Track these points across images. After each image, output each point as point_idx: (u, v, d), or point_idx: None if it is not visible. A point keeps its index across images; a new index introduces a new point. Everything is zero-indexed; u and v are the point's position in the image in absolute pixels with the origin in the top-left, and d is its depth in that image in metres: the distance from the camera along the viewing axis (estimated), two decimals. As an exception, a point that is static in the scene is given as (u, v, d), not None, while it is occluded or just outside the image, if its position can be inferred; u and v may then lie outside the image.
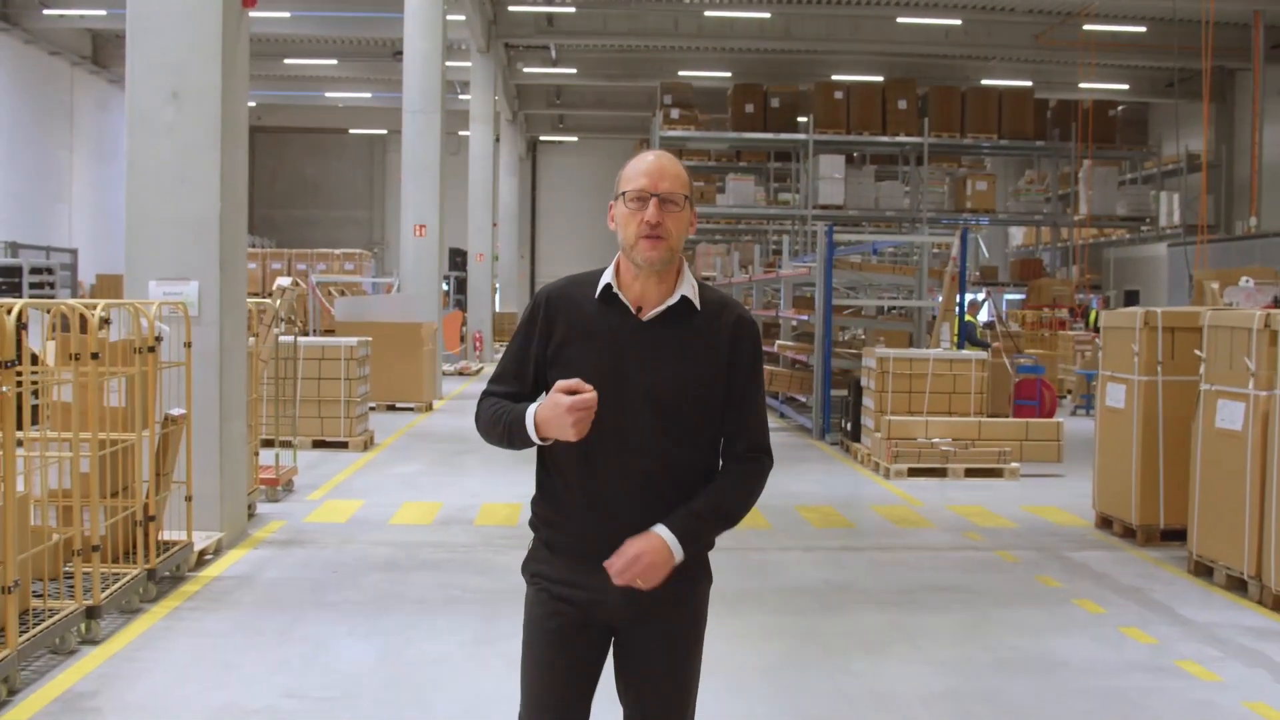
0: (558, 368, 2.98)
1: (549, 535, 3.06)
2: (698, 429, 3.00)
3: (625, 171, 3.00)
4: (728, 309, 3.04)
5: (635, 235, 2.92)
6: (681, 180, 2.97)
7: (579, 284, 3.06)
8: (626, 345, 2.96)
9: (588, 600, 2.98)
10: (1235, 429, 7.49)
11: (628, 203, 2.94)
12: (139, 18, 8.13)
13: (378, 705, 5.30)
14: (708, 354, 2.98)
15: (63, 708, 5.16)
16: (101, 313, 6.18)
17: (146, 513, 6.81)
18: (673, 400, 2.94)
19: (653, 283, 2.97)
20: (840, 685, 5.68)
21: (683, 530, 2.92)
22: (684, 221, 2.97)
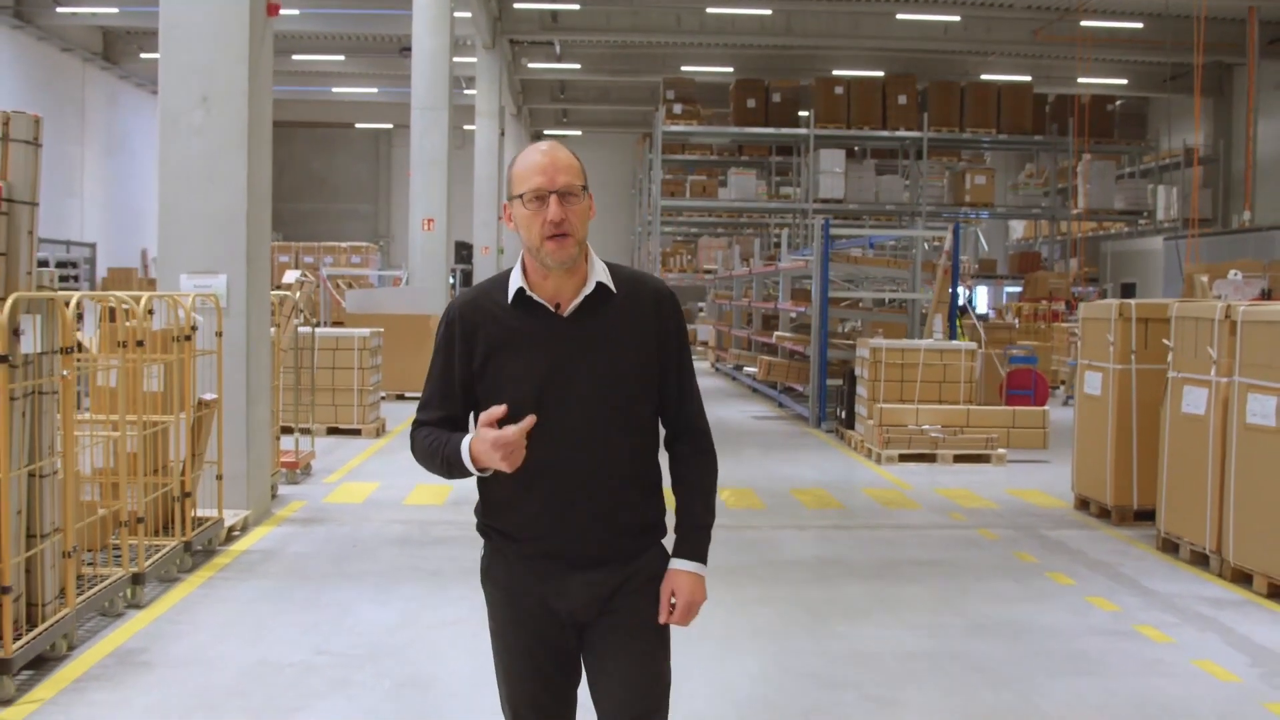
0: (486, 381, 2.95)
1: (502, 542, 3.03)
2: (639, 411, 2.99)
3: (516, 170, 2.90)
4: (643, 284, 3.02)
5: (540, 236, 2.85)
6: (575, 169, 2.90)
7: (487, 293, 3.01)
8: (554, 345, 2.92)
9: (551, 599, 2.97)
10: (1199, 413, 8.00)
11: (526, 204, 2.86)
12: (171, 26, 8.65)
13: (400, 662, 5.81)
14: (636, 334, 2.96)
15: (117, 661, 5.69)
16: (147, 305, 6.69)
17: (183, 489, 7.34)
18: (613, 388, 2.92)
19: (565, 277, 2.92)
20: (825, 646, 6.19)
21: (698, 550, 3.02)
22: (585, 211, 2.91)
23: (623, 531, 2.99)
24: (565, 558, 2.95)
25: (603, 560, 2.96)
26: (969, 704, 5.37)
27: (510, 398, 2.88)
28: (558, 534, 2.93)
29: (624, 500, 2.97)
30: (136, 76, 36.40)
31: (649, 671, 3.03)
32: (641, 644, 3.01)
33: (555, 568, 2.95)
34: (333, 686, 5.43)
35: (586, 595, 2.96)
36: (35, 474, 5.38)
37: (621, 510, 2.97)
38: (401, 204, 47.02)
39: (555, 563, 2.95)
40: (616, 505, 2.96)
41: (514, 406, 2.86)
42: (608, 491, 2.94)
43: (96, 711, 5.05)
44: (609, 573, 2.97)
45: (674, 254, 36.03)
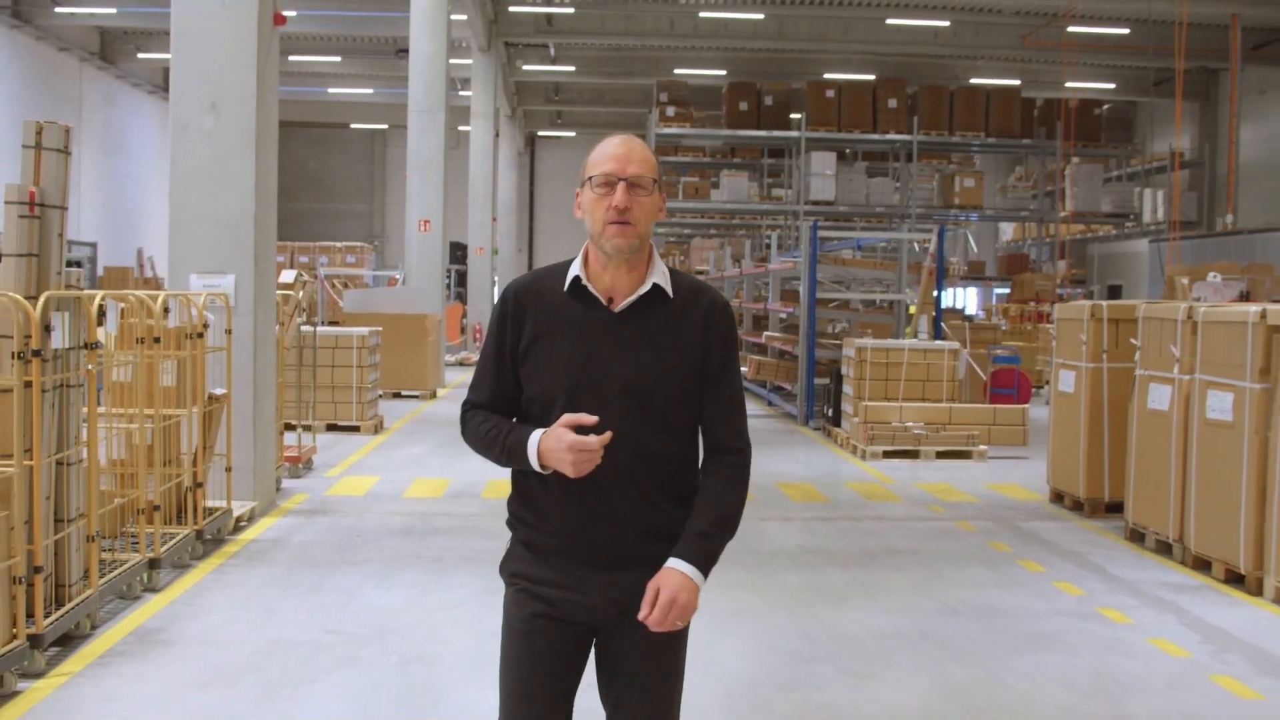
0: (529, 364, 2.94)
1: (527, 534, 2.99)
2: (677, 419, 2.94)
3: (591, 157, 2.91)
4: (701, 295, 2.98)
5: (603, 221, 2.85)
6: (650, 164, 2.89)
7: (546, 277, 2.99)
8: (600, 338, 2.89)
9: (570, 600, 2.93)
10: (1163, 409, 8.39)
11: (594, 188, 2.86)
12: (182, 35, 9.00)
13: (405, 641, 6.17)
14: (683, 342, 2.92)
15: (138, 639, 6.05)
16: (163, 303, 7.05)
17: (195, 480, 7.70)
18: (650, 392, 2.88)
19: (623, 271, 2.90)
20: (804, 627, 6.56)
21: (697, 556, 2.89)
22: (653, 206, 2.89)
23: (648, 537, 2.92)
24: (587, 557, 2.91)
25: (625, 563, 2.91)
26: (938, 678, 5.74)
27: (546, 384, 2.89)
28: (581, 532, 2.90)
29: (652, 505, 2.91)
30: (133, 76, 36.67)
31: (663, 688, 2.98)
32: (658, 658, 2.96)
33: (577, 566, 2.91)
34: (342, 662, 5.80)
35: (605, 598, 2.91)
36: (63, 462, 5.75)
37: (648, 515, 2.91)
38: (396, 204, 47.41)
39: (578, 561, 2.91)
40: (640, 508, 2.90)
41: (547, 394, 2.89)
42: (633, 493, 2.89)
43: (122, 684, 5.41)
44: (630, 577, 2.89)
45: (667, 255, 36.39)
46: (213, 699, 5.25)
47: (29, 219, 5.49)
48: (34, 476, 5.33)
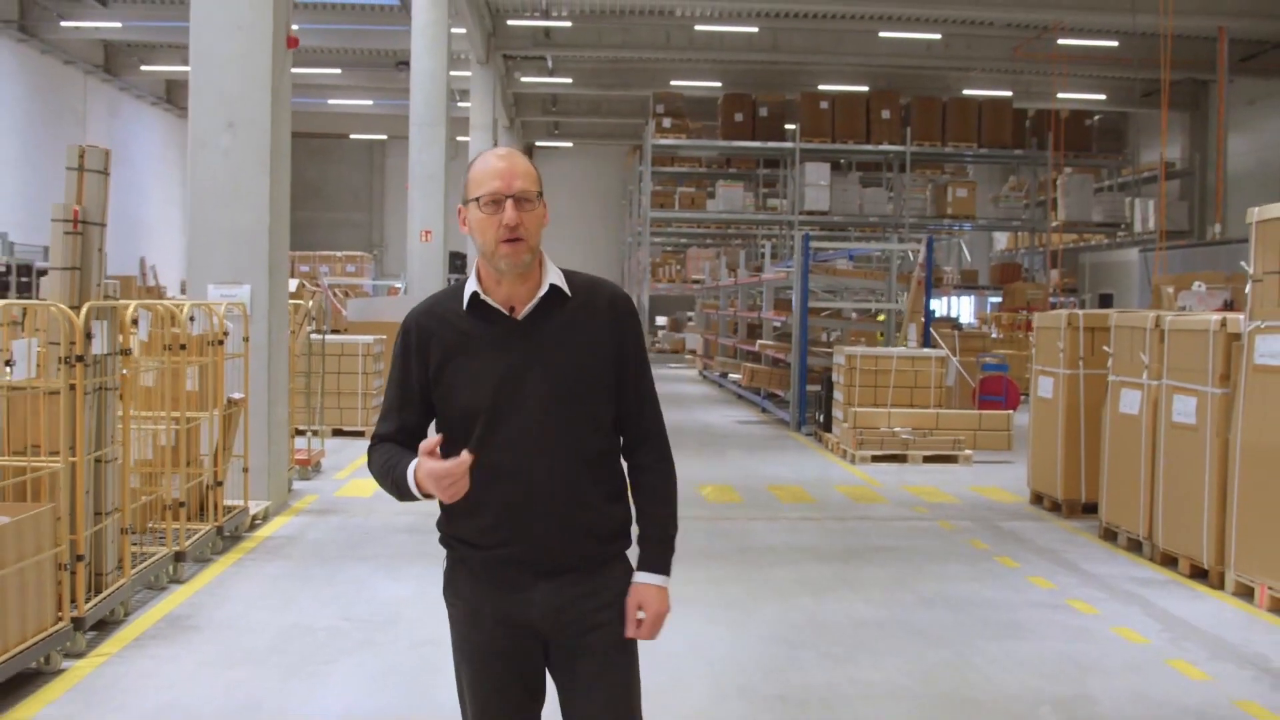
0: (442, 386, 2.94)
1: (465, 552, 2.97)
2: (599, 413, 2.97)
3: (473, 174, 2.91)
4: (599, 289, 3.01)
5: (495, 240, 2.84)
6: (532, 176, 2.90)
7: (442, 301, 3.02)
8: (508, 348, 2.90)
9: (514, 612, 2.92)
10: (1133, 413, 8.84)
11: (482, 208, 2.86)
12: (201, 57, 9.47)
13: (415, 625, 6.61)
14: (593, 337, 2.95)
15: (168, 625, 6.49)
16: (188, 312, 7.50)
17: (216, 479, 8.14)
18: (572, 393, 2.90)
19: (518, 282, 2.91)
20: (789, 616, 7.00)
21: (662, 563, 2.99)
22: (540, 218, 2.91)
23: (585, 537, 2.94)
24: (528, 564, 2.90)
25: (566, 567, 2.92)
26: (912, 661, 6.19)
27: (465, 402, 2.89)
28: (519, 540, 2.88)
29: (584, 504, 2.92)
30: (136, 88, 37.12)
31: (621, 692, 2.98)
32: (612, 663, 2.97)
33: (518, 575, 2.90)
34: (359, 645, 6.24)
35: (550, 604, 2.91)
36: (101, 460, 6.19)
37: (582, 514, 2.92)
38: (394, 213, 47.84)
39: (518, 570, 2.90)
40: (577, 509, 2.91)
41: (468, 411, 2.86)
42: (567, 495, 2.89)
43: (157, 664, 5.84)
44: (573, 581, 2.92)
45: (663, 264, 36.85)
46: (241, 676, 5.69)
47: (73, 235, 5.94)
48: (77, 472, 5.78)
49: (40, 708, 5.18)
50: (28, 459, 5.72)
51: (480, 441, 2.78)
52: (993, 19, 29.70)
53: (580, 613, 2.92)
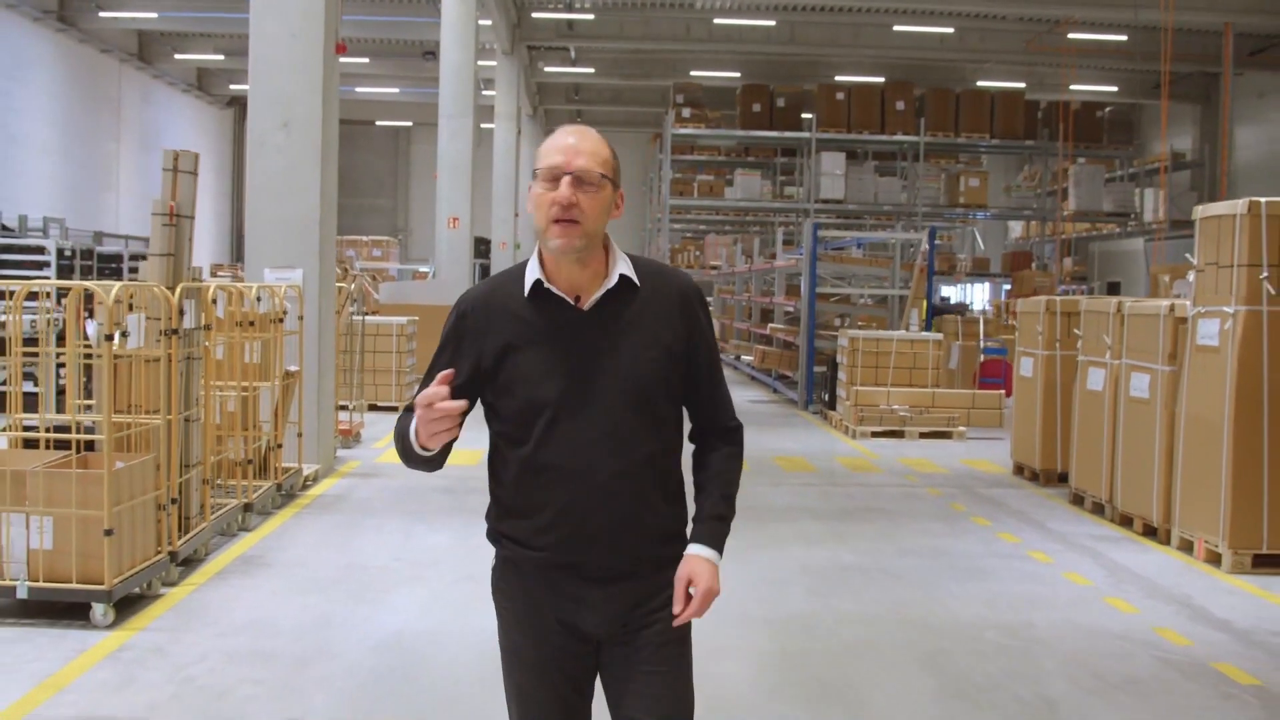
0: (500, 380, 2.75)
1: (516, 552, 2.80)
2: (665, 412, 2.80)
3: (540, 149, 2.73)
4: (668, 279, 2.85)
5: (547, 218, 2.67)
6: (600, 158, 2.69)
7: (501, 285, 2.82)
8: (573, 340, 2.72)
9: (567, 617, 2.79)
10: (1098, 389, 9.79)
11: (540, 182, 2.69)
12: (259, 61, 10.45)
13: (456, 564, 7.63)
14: (661, 332, 2.78)
15: (243, 563, 7.53)
16: (255, 294, 8.52)
17: (276, 442, 9.17)
18: (638, 387, 2.73)
19: (578, 268, 2.74)
20: (780, 562, 7.99)
21: (717, 539, 2.83)
22: (603, 203, 2.70)
23: (646, 541, 2.79)
24: (584, 570, 2.76)
25: (624, 573, 2.78)
26: (884, 596, 7.18)
27: (525, 398, 2.73)
28: (576, 543, 2.74)
29: (648, 507, 2.78)
30: (169, 75, 38.14)
31: (675, 694, 2.84)
32: (667, 665, 2.83)
33: (572, 581, 2.76)
34: (408, 579, 7.27)
35: (607, 612, 2.78)
36: (189, 419, 7.21)
37: (646, 518, 2.77)
38: (419, 199, 48.89)
39: (572, 576, 2.76)
40: (640, 512, 2.76)
41: (530, 407, 2.73)
42: (629, 496, 2.74)
43: (238, 591, 6.88)
44: (631, 587, 2.79)
45: (682, 250, 37.78)
46: (312, 601, 6.72)
47: (169, 227, 6.96)
48: (172, 429, 6.80)
49: (150, 621, 6.22)
50: (132, 416, 6.73)
51: (540, 440, 2.71)
52: (1005, 13, 30.43)
53: (636, 616, 2.79)
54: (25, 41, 29.00)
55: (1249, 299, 7.85)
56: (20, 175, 28.27)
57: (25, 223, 15.56)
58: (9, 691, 5.10)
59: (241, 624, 6.25)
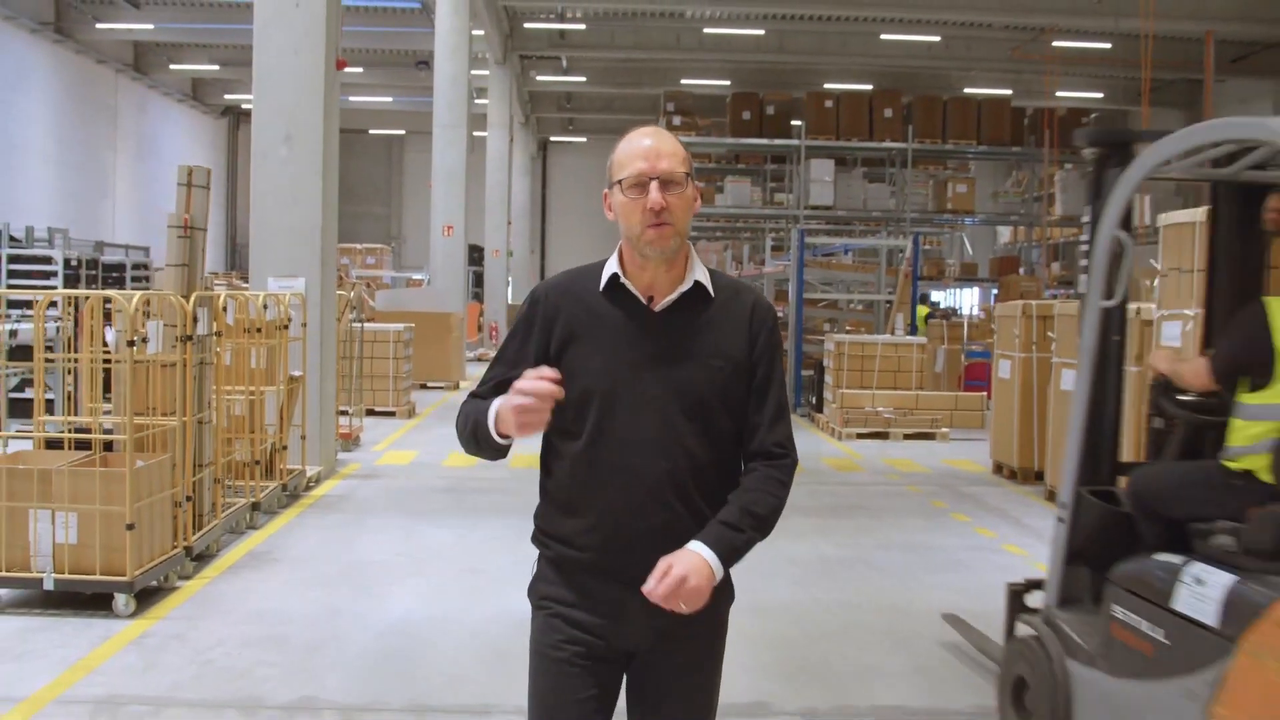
0: (563, 369, 2.67)
1: (558, 552, 2.80)
2: (721, 424, 2.76)
3: (617, 155, 2.74)
4: (743, 294, 2.85)
5: (640, 225, 2.67)
6: (680, 156, 2.71)
7: (580, 277, 2.84)
8: (641, 338, 2.73)
9: (604, 625, 2.76)
10: (1071, 389, 10.16)
11: (626, 191, 2.69)
12: (263, 77, 10.82)
13: (456, 560, 8.00)
14: (728, 343, 2.76)
15: (252, 558, 7.90)
16: (262, 302, 8.89)
17: (281, 444, 9.53)
18: (695, 394, 2.71)
19: (662, 270, 2.74)
20: (766, 555, 8.27)
21: (721, 544, 2.67)
22: (688, 201, 2.73)
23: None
24: (624, 576, 2.69)
25: None
26: (864, 586, 7.57)
27: (583, 389, 2.71)
28: (619, 548, 2.72)
29: (693, 515, 2.72)
30: (164, 86, 38.47)
31: (699, 710, 2.85)
32: (693, 688, 2.83)
33: (612, 588, 2.74)
34: (412, 573, 7.65)
35: (643, 623, 2.73)
36: (201, 421, 7.57)
37: (690, 528, 2.70)
38: (412, 206, 49.22)
39: (612, 582, 2.73)
40: (685, 519, 2.71)
41: (586, 398, 2.71)
42: (675, 503, 2.71)
43: (250, 584, 7.24)
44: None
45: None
46: (320, 593, 7.09)
47: (184, 239, 7.33)
48: (186, 430, 7.17)
49: (168, 610, 6.59)
50: (150, 417, 7.09)
51: (593, 435, 2.70)
52: (990, 21, 30.91)
53: (671, 629, 2.72)
54: (23, 52, 29.33)
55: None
56: (18, 184, 28.59)
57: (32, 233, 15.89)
58: (42, 674, 5.47)
59: (255, 613, 6.62)
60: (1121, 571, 4.47)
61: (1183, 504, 4.48)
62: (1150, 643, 4.18)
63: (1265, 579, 3.81)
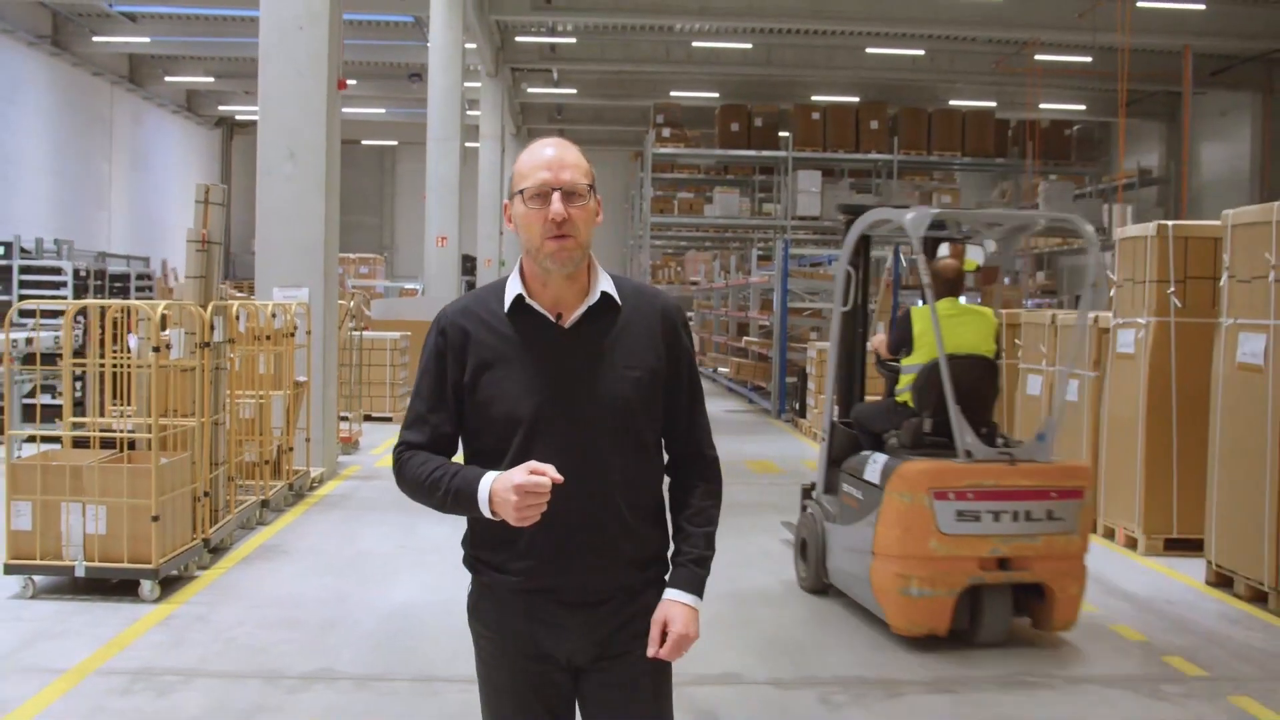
0: (479, 396, 2.71)
1: (491, 578, 2.80)
2: (646, 435, 2.77)
3: (519, 165, 2.69)
4: (649, 299, 2.82)
5: (540, 236, 2.63)
6: (583, 168, 2.68)
7: (481, 300, 2.79)
8: (553, 358, 2.69)
9: (547, 644, 2.77)
10: (1036, 394, 10.75)
11: (527, 201, 2.64)
12: (268, 98, 11.36)
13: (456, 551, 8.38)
14: (643, 350, 2.75)
15: (264, 551, 8.44)
16: (270, 311, 9.43)
17: (288, 445, 10.07)
18: (617, 409, 2.70)
19: (566, 284, 2.70)
20: (744, 547, 8.94)
21: (696, 584, 2.79)
22: (591, 213, 2.68)
23: (624, 565, 2.75)
24: (561, 595, 2.73)
25: (602, 599, 2.74)
26: (835, 577, 8.11)
27: (501, 415, 2.70)
28: (553, 568, 2.70)
29: (626, 531, 2.73)
30: (159, 97, 38.88)
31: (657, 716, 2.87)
32: (644, 694, 2.83)
33: (550, 607, 2.74)
34: (413, 564, 8.19)
35: (585, 638, 2.75)
36: (217, 422, 8.11)
37: (623, 542, 2.74)
38: (404, 216, 49.73)
39: (550, 601, 2.73)
40: (618, 536, 2.72)
41: (506, 425, 2.69)
42: (608, 521, 2.71)
43: (263, 574, 7.79)
44: (609, 612, 2.74)
45: (663, 266, 38.72)
46: (328, 582, 7.63)
47: (202, 253, 7.88)
48: (204, 431, 7.71)
49: (190, 596, 7.13)
50: (170, 418, 7.63)
51: (517, 459, 2.63)
52: (973, 35, 31.46)
53: (615, 642, 2.75)
54: (20, 65, 29.76)
55: (1159, 311, 8.82)
56: (16, 195, 28.99)
57: (41, 245, 16.40)
58: (81, 649, 6.01)
59: (270, 598, 7.16)
60: (846, 464, 7.31)
61: (875, 423, 7.33)
62: (855, 500, 7.01)
63: (903, 456, 6.67)
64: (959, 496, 6.31)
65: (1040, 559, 6.39)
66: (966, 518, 6.32)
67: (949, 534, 6.31)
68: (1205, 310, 8.59)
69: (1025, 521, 6.37)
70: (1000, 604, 6.44)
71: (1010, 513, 6.36)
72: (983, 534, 6.34)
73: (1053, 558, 6.41)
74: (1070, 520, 6.46)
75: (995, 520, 6.34)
